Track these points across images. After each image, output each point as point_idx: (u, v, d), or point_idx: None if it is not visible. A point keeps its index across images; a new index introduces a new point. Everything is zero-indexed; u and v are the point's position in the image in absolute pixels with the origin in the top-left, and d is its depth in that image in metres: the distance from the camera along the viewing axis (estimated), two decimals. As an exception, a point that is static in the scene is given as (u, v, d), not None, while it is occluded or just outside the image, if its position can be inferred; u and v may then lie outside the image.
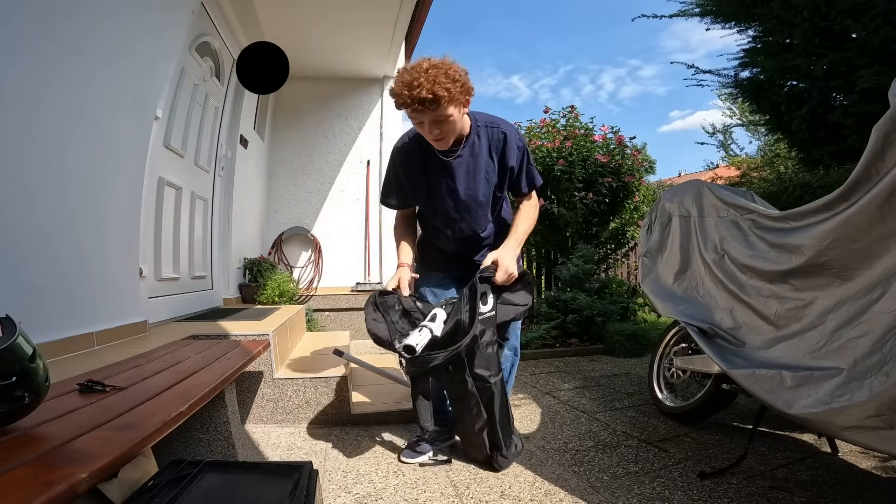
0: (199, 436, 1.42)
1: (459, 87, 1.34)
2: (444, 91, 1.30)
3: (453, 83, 1.32)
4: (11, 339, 0.72)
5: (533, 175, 1.62)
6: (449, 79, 1.31)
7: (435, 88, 1.29)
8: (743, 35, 3.70)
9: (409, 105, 1.32)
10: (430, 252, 1.75)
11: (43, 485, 0.57)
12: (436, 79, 1.29)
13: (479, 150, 1.52)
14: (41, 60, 1.36)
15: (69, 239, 1.54)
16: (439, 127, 1.38)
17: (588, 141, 4.23)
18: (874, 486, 1.44)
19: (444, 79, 1.30)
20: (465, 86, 1.36)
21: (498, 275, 1.48)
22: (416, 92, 1.29)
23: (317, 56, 4.05)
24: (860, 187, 1.17)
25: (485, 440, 1.53)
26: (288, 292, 3.44)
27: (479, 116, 1.54)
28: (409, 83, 1.30)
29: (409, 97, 1.30)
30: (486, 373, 1.47)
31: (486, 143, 1.53)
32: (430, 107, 1.32)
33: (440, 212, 1.60)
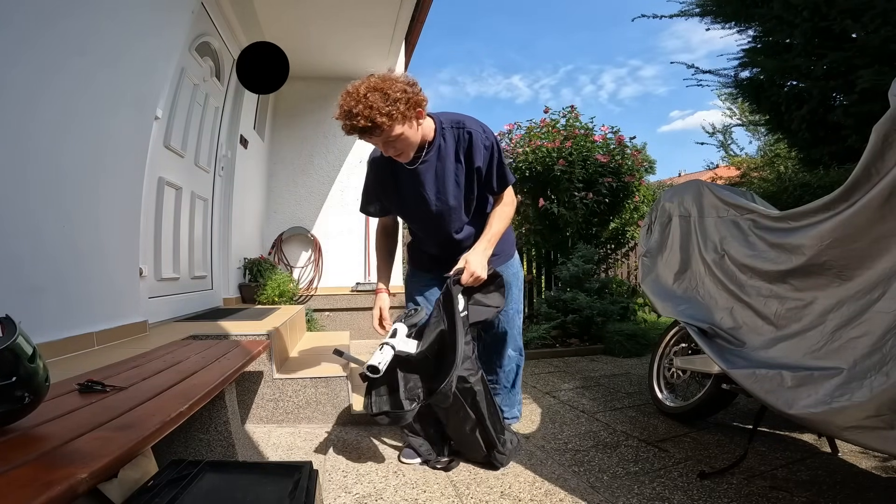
0: (199, 436, 1.42)
1: (403, 105, 1.30)
2: (383, 118, 1.27)
3: (394, 104, 1.28)
4: (11, 339, 0.72)
5: (504, 173, 1.55)
6: (389, 101, 1.28)
7: (373, 115, 1.26)
8: (743, 35, 3.70)
9: (351, 134, 1.32)
10: (417, 253, 1.78)
11: (43, 485, 0.57)
12: (373, 105, 1.26)
13: (446, 152, 1.49)
14: (41, 60, 1.36)
15: (69, 239, 1.54)
16: (392, 146, 1.38)
17: (588, 141, 4.23)
18: (874, 486, 1.44)
19: (383, 103, 1.27)
20: (410, 101, 1.32)
21: (463, 276, 1.46)
22: (356, 122, 1.27)
23: (317, 56, 4.05)
24: (860, 187, 1.17)
25: (478, 440, 1.53)
26: (288, 292, 3.44)
27: (443, 117, 1.50)
28: (349, 112, 1.28)
29: (349, 126, 1.29)
30: (466, 373, 1.46)
31: (452, 145, 1.49)
32: (374, 133, 1.31)
33: (415, 218, 1.60)
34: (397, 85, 1.31)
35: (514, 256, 1.75)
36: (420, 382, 1.49)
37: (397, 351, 1.45)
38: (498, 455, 1.53)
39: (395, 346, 1.45)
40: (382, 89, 1.28)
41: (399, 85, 1.31)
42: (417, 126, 1.40)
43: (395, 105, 1.29)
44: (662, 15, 4.10)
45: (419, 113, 1.38)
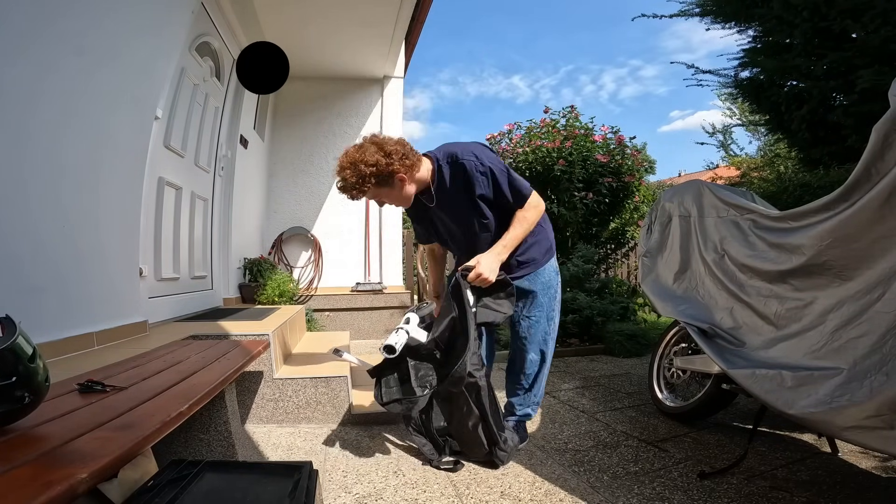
0: (199, 436, 1.42)
1: (384, 166, 1.45)
2: (366, 186, 1.47)
3: (374, 168, 1.44)
4: (11, 339, 0.72)
5: (516, 188, 1.57)
6: (369, 165, 1.44)
7: (359, 185, 1.46)
8: (743, 35, 3.71)
9: (352, 197, 1.53)
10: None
11: (43, 485, 0.57)
12: (355, 175, 1.45)
13: (450, 188, 1.57)
14: (41, 60, 1.36)
15: (69, 239, 1.53)
16: (386, 201, 1.57)
17: (588, 141, 4.23)
18: (874, 486, 1.44)
19: (363, 169, 1.44)
20: (392, 159, 1.45)
21: (470, 274, 1.52)
22: (349, 194, 1.50)
23: (317, 56, 4.05)
24: (860, 187, 1.17)
25: (481, 437, 1.54)
26: (288, 292, 3.44)
27: (440, 154, 1.58)
28: (342, 186, 1.49)
29: (341, 188, 1.51)
30: (472, 368, 1.48)
31: (449, 179, 1.56)
32: (361, 196, 1.50)
33: (450, 244, 1.77)
34: (370, 152, 1.47)
35: (548, 266, 1.73)
36: (431, 370, 1.56)
37: (410, 336, 1.54)
38: (499, 452, 1.54)
39: (409, 331, 1.56)
40: (361, 159, 1.46)
41: (372, 152, 1.47)
42: (410, 180, 1.53)
43: (377, 168, 1.46)
44: (662, 15, 4.11)
45: (407, 166, 1.49)
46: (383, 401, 1.55)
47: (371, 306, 4.11)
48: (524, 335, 1.72)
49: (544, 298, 1.71)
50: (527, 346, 1.73)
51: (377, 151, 1.47)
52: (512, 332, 1.77)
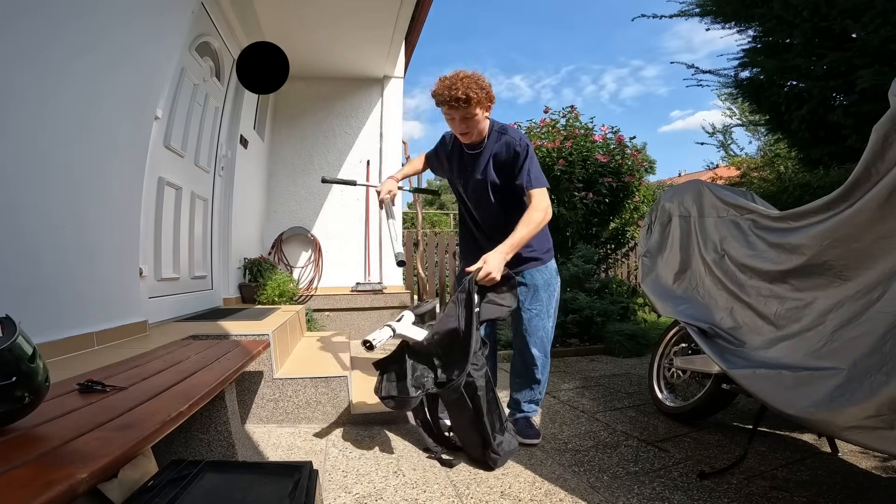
0: (199, 436, 1.42)
1: (485, 93, 1.68)
2: (474, 94, 1.64)
3: (481, 90, 1.66)
4: (11, 340, 0.72)
5: (533, 175, 1.72)
6: (478, 86, 1.65)
7: (468, 92, 1.62)
8: (743, 35, 3.71)
9: (446, 102, 1.65)
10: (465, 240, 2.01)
11: (43, 485, 0.57)
12: (468, 85, 1.63)
13: (493, 149, 1.78)
14: (41, 61, 1.36)
15: (69, 239, 1.53)
16: (466, 123, 1.70)
17: (588, 141, 4.23)
18: (874, 486, 1.44)
19: (475, 86, 1.64)
20: (489, 93, 1.70)
21: (479, 274, 1.59)
22: (454, 93, 1.62)
23: (317, 56, 4.05)
24: (860, 187, 1.17)
25: (477, 435, 1.55)
26: (288, 292, 3.44)
27: (494, 123, 1.81)
28: (449, 86, 1.64)
29: (448, 96, 1.63)
30: (471, 367, 1.50)
31: (495, 146, 1.78)
32: (463, 105, 1.64)
33: (462, 194, 1.90)
34: (485, 80, 1.70)
35: (550, 264, 1.87)
36: (427, 372, 1.57)
37: (398, 333, 1.60)
38: (491, 454, 1.54)
39: (396, 329, 1.61)
40: (476, 78, 1.66)
41: (486, 81, 1.70)
42: (484, 117, 1.74)
43: (482, 91, 1.67)
44: (662, 15, 4.11)
45: (489, 107, 1.74)
46: (381, 394, 1.58)
47: (371, 306, 4.11)
48: (525, 327, 1.79)
49: (544, 294, 1.80)
50: (528, 340, 1.78)
51: (485, 79, 1.70)
52: (513, 327, 1.86)
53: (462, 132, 1.74)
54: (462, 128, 1.72)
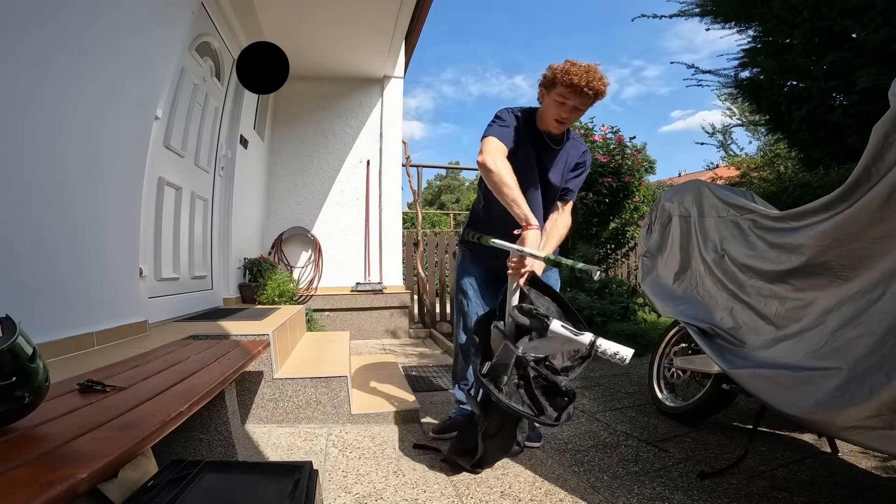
0: (199, 436, 1.42)
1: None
2: (604, 91, 1.58)
3: (606, 86, 1.59)
4: (11, 340, 0.72)
5: (575, 188, 1.79)
6: (606, 85, 1.58)
7: (601, 86, 1.56)
8: (743, 35, 3.70)
9: (580, 88, 1.53)
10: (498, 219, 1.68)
11: (43, 485, 0.57)
12: (602, 81, 1.56)
13: (568, 151, 1.76)
14: (41, 60, 1.36)
15: (69, 239, 1.53)
16: (576, 115, 1.64)
17: (588, 141, 4.23)
18: (874, 486, 1.44)
19: (606, 84, 1.58)
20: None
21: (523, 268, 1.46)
22: (596, 83, 1.54)
23: (317, 56, 4.05)
24: (860, 187, 1.17)
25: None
26: (288, 292, 3.44)
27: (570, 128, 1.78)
28: (588, 72, 1.54)
29: (587, 86, 1.53)
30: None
31: (573, 149, 1.77)
32: (592, 98, 1.58)
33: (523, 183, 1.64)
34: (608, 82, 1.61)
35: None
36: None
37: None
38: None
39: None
40: (605, 78, 1.58)
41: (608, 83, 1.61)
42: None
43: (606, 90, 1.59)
44: (662, 15, 4.11)
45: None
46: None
47: (371, 306, 4.11)
48: None
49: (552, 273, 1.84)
50: None
51: None
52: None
53: (564, 120, 1.64)
54: (569, 117, 1.63)
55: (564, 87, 1.56)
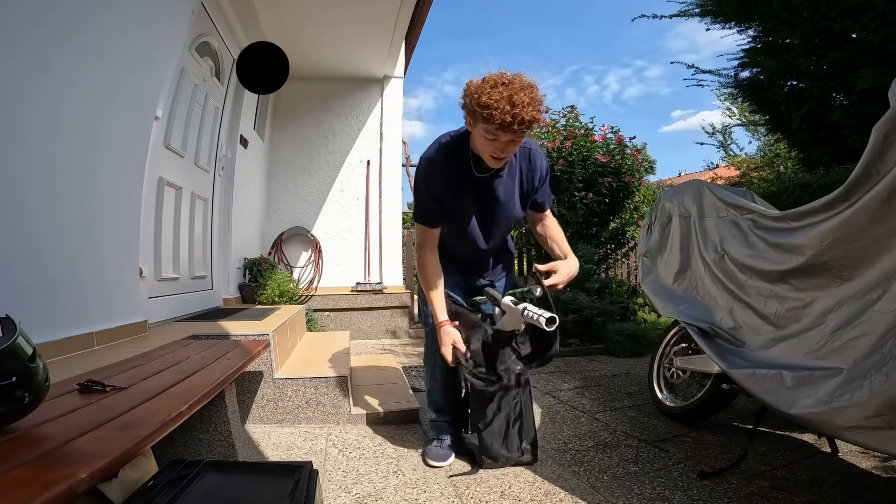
0: (199, 436, 1.42)
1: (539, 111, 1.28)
2: (539, 116, 1.25)
3: (542, 109, 1.27)
4: (11, 339, 0.72)
5: (547, 197, 1.65)
6: (541, 105, 1.26)
7: (534, 113, 1.23)
8: (743, 35, 3.70)
9: (506, 124, 1.21)
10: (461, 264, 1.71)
11: (43, 485, 0.57)
12: (535, 104, 1.23)
13: (515, 169, 1.52)
14: (42, 60, 1.36)
15: (69, 239, 1.53)
16: (513, 147, 1.33)
17: (588, 141, 4.23)
18: (874, 486, 1.44)
19: (539, 105, 1.25)
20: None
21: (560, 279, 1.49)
22: (524, 115, 1.21)
23: (317, 56, 4.05)
24: (860, 187, 1.17)
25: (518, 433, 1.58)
26: (288, 292, 3.44)
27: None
28: (515, 102, 1.20)
29: (510, 116, 1.20)
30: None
31: (519, 163, 1.52)
32: (525, 131, 1.26)
33: (463, 229, 1.56)
34: (539, 94, 1.27)
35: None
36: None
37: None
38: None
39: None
40: (536, 94, 1.25)
41: (538, 91, 1.27)
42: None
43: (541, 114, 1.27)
44: (662, 15, 4.11)
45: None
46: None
47: (371, 306, 4.11)
48: None
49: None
50: None
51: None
52: None
53: (501, 157, 1.34)
54: (505, 152, 1.33)
55: (488, 125, 1.24)
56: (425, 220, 1.52)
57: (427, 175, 1.48)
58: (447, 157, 1.46)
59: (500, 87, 1.22)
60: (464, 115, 1.36)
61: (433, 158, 1.47)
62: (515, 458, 1.55)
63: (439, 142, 1.49)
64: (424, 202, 1.50)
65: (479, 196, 1.51)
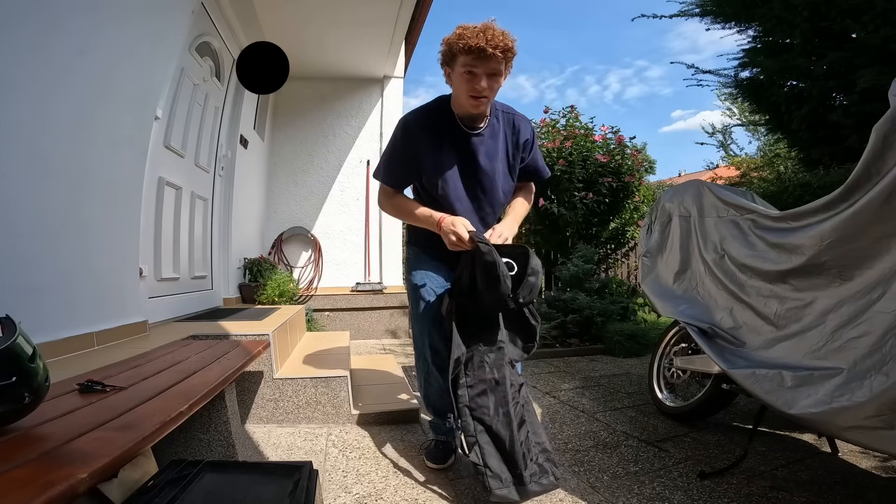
0: (199, 436, 1.42)
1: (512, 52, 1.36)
2: (511, 44, 1.33)
3: (513, 44, 1.35)
4: (11, 339, 0.72)
5: (542, 164, 1.65)
6: (511, 37, 1.34)
7: (507, 41, 1.32)
8: (743, 35, 3.71)
9: (484, 51, 1.30)
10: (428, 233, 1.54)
11: (43, 485, 0.57)
12: (505, 36, 1.33)
13: (498, 132, 1.53)
14: (45, 61, 1.36)
15: (69, 239, 1.53)
16: (492, 83, 1.36)
17: (588, 141, 4.23)
18: (874, 486, 1.44)
19: (509, 36, 1.34)
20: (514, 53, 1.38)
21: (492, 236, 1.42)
22: (498, 41, 1.30)
23: (317, 56, 4.05)
24: (860, 187, 1.17)
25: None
26: (288, 292, 3.44)
27: (496, 102, 1.54)
28: (487, 31, 1.31)
29: (488, 45, 1.29)
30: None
31: (502, 128, 1.53)
32: (500, 56, 1.33)
33: (450, 189, 1.51)
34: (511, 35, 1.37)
35: None
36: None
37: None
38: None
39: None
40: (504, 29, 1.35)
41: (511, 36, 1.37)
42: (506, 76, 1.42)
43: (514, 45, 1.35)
44: (662, 15, 4.11)
45: (508, 73, 1.42)
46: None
47: (371, 306, 4.11)
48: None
49: None
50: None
51: None
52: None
53: (482, 94, 1.36)
54: (485, 88, 1.35)
55: (465, 55, 1.33)
56: (385, 176, 1.55)
57: (402, 131, 1.50)
58: (426, 114, 1.50)
59: (473, 26, 1.35)
60: (444, 72, 1.42)
61: (410, 117, 1.51)
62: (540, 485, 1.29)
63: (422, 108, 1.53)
64: (392, 160, 1.53)
65: (459, 155, 1.50)
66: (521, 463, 1.26)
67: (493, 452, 1.28)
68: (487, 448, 1.28)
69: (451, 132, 1.48)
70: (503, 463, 1.27)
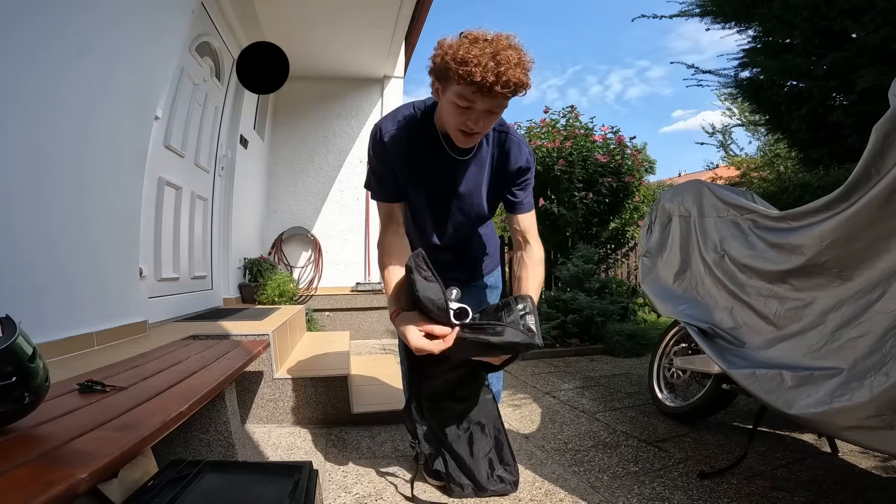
0: (199, 436, 1.42)
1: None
2: (527, 80, 1.02)
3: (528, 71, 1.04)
4: (11, 339, 0.72)
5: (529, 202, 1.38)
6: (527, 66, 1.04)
7: (521, 76, 1.01)
8: (743, 35, 3.70)
9: (488, 85, 0.99)
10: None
11: (43, 485, 0.57)
12: (522, 68, 1.01)
13: (485, 157, 1.30)
14: (46, 62, 1.36)
15: (69, 239, 1.53)
16: (489, 120, 1.10)
17: (588, 141, 4.23)
18: (874, 486, 1.44)
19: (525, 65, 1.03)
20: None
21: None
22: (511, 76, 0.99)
23: (317, 56, 4.05)
24: (860, 187, 1.17)
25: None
26: (288, 292, 3.44)
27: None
28: (501, 59, 0.98)
29: (494, 75, 0.98)
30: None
31: (490, 150, 1.30)
32: (509, 95, 1.04)
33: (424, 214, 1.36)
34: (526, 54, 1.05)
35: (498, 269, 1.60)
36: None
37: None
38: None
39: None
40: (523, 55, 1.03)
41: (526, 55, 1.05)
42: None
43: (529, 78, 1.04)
44: (662, 15, 4.11)
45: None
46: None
47: (371, 306, 4.11)
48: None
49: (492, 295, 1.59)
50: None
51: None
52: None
53: (473, 131, 1.11)
54: (478, 126, 1.09)
55: (465, 86, 1.02)
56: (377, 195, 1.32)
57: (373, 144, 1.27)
58: (404, 126, 1.23)
59: (483, 43, 1.01)
60: (431, 81, 1.13)
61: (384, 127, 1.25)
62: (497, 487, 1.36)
63: (397, 109, 1.29)
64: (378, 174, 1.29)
65: (437, 183, 1.28)
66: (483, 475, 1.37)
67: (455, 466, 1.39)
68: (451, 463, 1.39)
69: (432, 154, 1.24)
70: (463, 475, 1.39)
